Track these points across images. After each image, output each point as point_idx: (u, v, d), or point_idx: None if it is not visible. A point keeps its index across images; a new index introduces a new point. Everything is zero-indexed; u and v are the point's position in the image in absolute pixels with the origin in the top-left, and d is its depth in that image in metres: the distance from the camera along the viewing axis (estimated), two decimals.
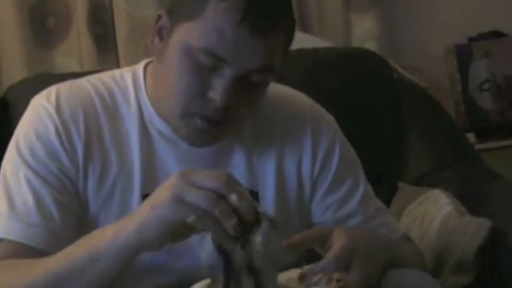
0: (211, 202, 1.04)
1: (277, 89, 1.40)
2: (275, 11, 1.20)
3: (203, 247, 1.29)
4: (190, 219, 1.04)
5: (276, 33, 1.20)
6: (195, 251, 1.29)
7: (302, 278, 1.16)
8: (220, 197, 1.04)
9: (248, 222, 1.04)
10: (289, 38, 1.25)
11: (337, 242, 1.18)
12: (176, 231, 1.07)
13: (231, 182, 1.06)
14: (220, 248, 1.06)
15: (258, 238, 1.05)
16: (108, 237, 1.11)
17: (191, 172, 1.08)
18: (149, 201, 1.09)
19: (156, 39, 1.27)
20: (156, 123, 1.30)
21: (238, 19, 1.17)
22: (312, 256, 1.22)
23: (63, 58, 2.53)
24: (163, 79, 1.26)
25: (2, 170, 1.29)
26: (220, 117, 1.22)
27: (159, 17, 1.27)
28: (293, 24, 1.25)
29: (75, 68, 2.51)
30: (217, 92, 1.20)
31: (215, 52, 1.19)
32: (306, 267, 1.17)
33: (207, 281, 1.11)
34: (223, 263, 1.06)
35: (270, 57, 1.21)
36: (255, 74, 1.21)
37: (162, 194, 1.07)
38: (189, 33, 1.21)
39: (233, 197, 1.04)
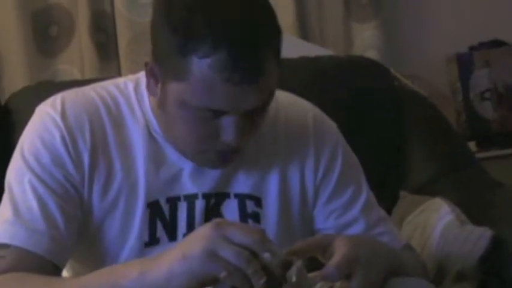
0: (245, 260, 1.06)
1: (280, 96, 1.40)
2: (259, 51, 1.17)
3: None
4: (223, 275, 1.06)
5: (268, 71, 1.19)
6: None
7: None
8: (254, 256, 1.06)
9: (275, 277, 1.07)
10: (278, 53, 1.23)
11: (339, 250, 1.17)
12: (205, 282, 1.09)
13: (264, 239, 1.08)
14: None
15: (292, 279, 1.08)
16: (133, 276, 1.12)
17: (226, 224, 1.09)
18: (181, 248, 1.10)
19: (152, 82, 1.26)
20: (163, 134, 1.31)
21: (226, 75, 1.16)
22: (313, 264, 1.22)
23: (65, 66, 2.53)
24: (169, 123, 1.27)
25: (7, 177, 1.30)
26: (235, 149, 1.24)
27: (146, 64, 1.25)
28: (278, 39, 1.23)
29: (77, 75, 2.51)
30: (228, 135, 1.21)
31: (212, 108, 1.19)
32: (308, 275, 1.17)
33: None
34: None
35: (267, 92, 1.22)
36: (258, 109, 1.22)
37: (195, 244, 1.08)
38: (181, 92, 1.20)
39: (266, 256, 1.06)
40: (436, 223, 1.60)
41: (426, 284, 1.25)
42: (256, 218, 1.33)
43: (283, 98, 1.41)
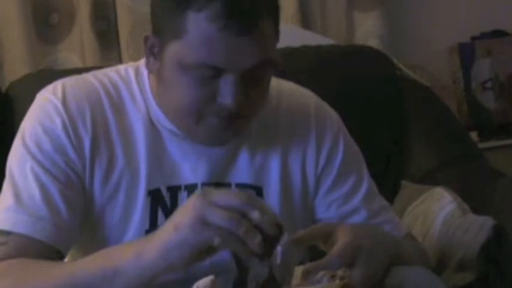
0: (235, 222, 1.04)
1: (282, 85, 1.40)
2: (255, 5, 1.19)
3: None
4: (216, 241, 1.05)
5: (263, 24, 1.19)
6: None
7: (305, 275, 1.16)
8: (243, 216, 1.05)
9: (271, 237, 1.05)
10: (276, 21, 1.24)
11: (341, 239, 1.17)
12: (201, 253, 1.08)
13: (252, 199, 1.07)
14: (237, 260, 1.08)
15: (279, 250, 1.05)
16: (129, 257, 1.12)
17: (211, 192, 1.08)
18: (171, 222, 1.09)
19: (151, 59, 1.26)
20: (163, 121, 1.30)
21: (222, 25, 1.16)
22: (315, 252, 1.22)
23: (65, 54, 2.52)
24: (169, 96, 1.26)
25: (8, 163, 1.29)
26: (235, 114, 1.22)
27: (146, 38, 1.26)
28: (276, 7, 1.24)
29: (78, 63, 2.50)
30: (225, 97, 1.20)
31: (210, 64, 1.18)
32: (309, 264, 1.17)
33: (210, 277, 1.11)
34: (239, 273, 1.09)
35: (264, 49, 1.20)
36: (256, 70, 1.21)
37: (184, 215, 1.08)
38: (179, 52, 1.20)
39: (255, 214, 1.05)
40: (438, 212, 1.60)
41: (428, 273, 1.25)
42: None
43: (284, 87, 1.41)
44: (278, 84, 1.38)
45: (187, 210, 1.07)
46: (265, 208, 1.07)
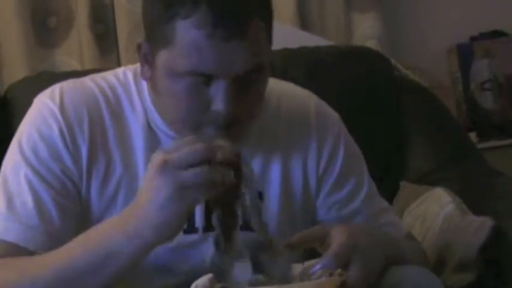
0: (208, 173, 1.07)
1: (282, 86, 1.39)
2: (243, 10, 1.17)
3: (207, 248, 1.28)
4: (201, 198, 1.08)
5: (253, 26, 1.18)
6: (200, 252, 1.28)
7: (302, 275, 1.16)
8: (211, 164, 1.07)
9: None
10: (269, 20, 1.23)
11: (337, 239, 1.17)
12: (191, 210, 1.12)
13: (207, 145, 1.09)
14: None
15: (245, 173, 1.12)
16: (122, 240, 1.13)
17: (169, 156, 1.08)
18: (152, 203, 1.09)
19: (146, 67, 1.25)
20: (162, 126, 1.29)
21: (210, 31, 1.15)
22: (313, 256, 1.22)
23: (64, 57, 2.53)
24: (164, 106, 1.25)
25: (2, 168, 1.28)
26: (231, 121, 1.21)
27: (139, 46, 1.25)
28: (268, 11, 1.23)
29: (76, 67, 2.51)
30: (218, 104, 1.19)
31: (200, 71, 1.18)
32: (306, 263, 1.17)
33: (208, 276, 1.11)
34: (217, 218, 1.14)
35: (255, 54, 1.19)
36: (248, 75, 1.20)
37: (160, 192, 1.08)
38: (169, 60, 1.19)
39: (219, 154, 1.08)
40: (437, 213, 1.60)
41: (426, 272, 1.25)
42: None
43: (284, 88, 1.40)
44: (277, 86, 1.37)
45: (159, 187, 1.08)
46: (222, 147, 1.10)
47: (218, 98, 1.19)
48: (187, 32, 1.16)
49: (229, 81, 1.18)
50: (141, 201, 1.11)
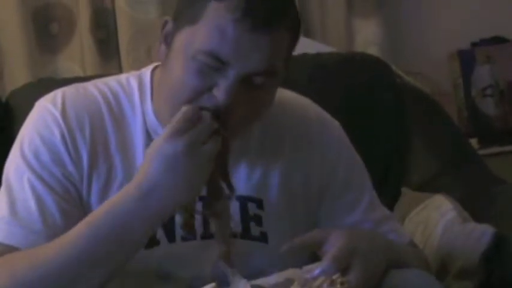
0: (203, 129, 1.15)
1: (282, 95, 1.39)
2: (276, 8, 1.20)
3: (207, 256, 1.28)
4: (212, 150, 1.16)
5: (278, 30, 1.20)
6: (200, 260, 1.28)
7: (303, 282, 1.16)
8: (199, 118, 1.15)
9: None
10: (294, 39, 1.24)
11: (336, 243, 1.18)
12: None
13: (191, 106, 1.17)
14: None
15: None
16: (145, 229, 1.17)
17: (170, 136, 1.15)
18: (169, 173, 1.14)
19: (163, 46, 1.26)
20: (160, 132, 1.29)
21: (239, 16, 1.17)
22: (314, 260, 1.22)
23: (66, 62, 2.53)
24: (167, 83, 1.25)
25: (5, 172, 1.29)
26: (224, 116, 1.20)
27: (165, 23, 1.26)
28: (297, 24, 1.25)
29: (78, 72, 2.50)
30: (220, 90, 1.19)
31: (218, 54, 1.18)
32: (304, 267, 1.17)
33: (211, 285, 1.11)
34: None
35: (272, 58, 1.20)
36: (258, 77, 1.20)
37: (178, 164, 1.14)
38: (192, 37, 1.20)
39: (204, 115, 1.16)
40: (438, 220, 1.60)
41: (427, 275, 1.25)
42: (258, 220, 1.32)
43: (285, 97, 1.40)
44: (278, 94, 1.37)
45: (177, 162, 1.14)
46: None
47: (222, 86, 1.19)
48: (216, 13, 1.18)
49: (238, 76, 1.19)
50: (147, 170, 1.15)
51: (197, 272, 1.27)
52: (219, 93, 1.19)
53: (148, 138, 1.29)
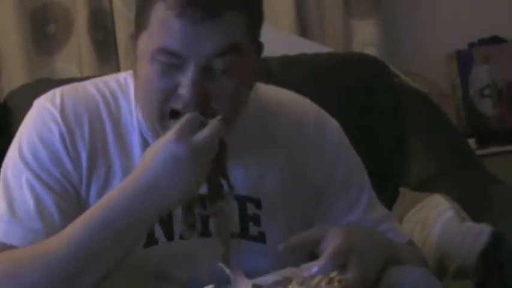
0: (216, 127, 1.18)
1: (280, 94, 1.39)
2: None
3: (204, 256, 1.28)
4: (213, 149, 1.18)
5: (225, 15, 1.19)
6: (199, 258, 1.28)
7: (301, 281, 1.16)
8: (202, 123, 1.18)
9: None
10: (252, 14, 1.23)
11: (333, 241, 1.18)
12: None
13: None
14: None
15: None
16: (141, 225, 1.18)
17: (177, 138, 1.16)
18: (179, 174, 1.15)
19: (133, 58, 1.27)
20: (149, 135, 1.29)
21: (179, 11, 1.17)
22: (312, 258, 1.22)
23: (63, 64, 2.53)
24: (138, 90, 1.26)
25: (2, 170, 1.29)
26: (203, 108, 1.20)
27: (132, 37, 1.27)
28: (252, 4, 1.24)
29: (76, 73, 2.50)
30: (183, 87, 1.19)
31: (169, 48, 1.19)
32: (302, 266, 1.17)
33: (210, 287, 1.11)
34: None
35: (226, 40, 1.19)
36: (218, 60, 1.20)
37: (185, 168, 1.15)
38: (146, 40, 1.22)
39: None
40: (436, 220, 1.60)
41: (426, 272, 1.25)
42: (257, 219, 1.32)
43: (283, 96, 1.40)
44: (276, 94, 1.37)
45: (176, 151, 1.15)
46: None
47: (184, 84, 1.19)
48: (160, 12, 1.19)
49: (196, 67, 1.19)
50: (147, 168, 1.16)
51: (195, 270, 1.27)
52: (184, 91, 1.19)
53: (144, 139, 1.30)
